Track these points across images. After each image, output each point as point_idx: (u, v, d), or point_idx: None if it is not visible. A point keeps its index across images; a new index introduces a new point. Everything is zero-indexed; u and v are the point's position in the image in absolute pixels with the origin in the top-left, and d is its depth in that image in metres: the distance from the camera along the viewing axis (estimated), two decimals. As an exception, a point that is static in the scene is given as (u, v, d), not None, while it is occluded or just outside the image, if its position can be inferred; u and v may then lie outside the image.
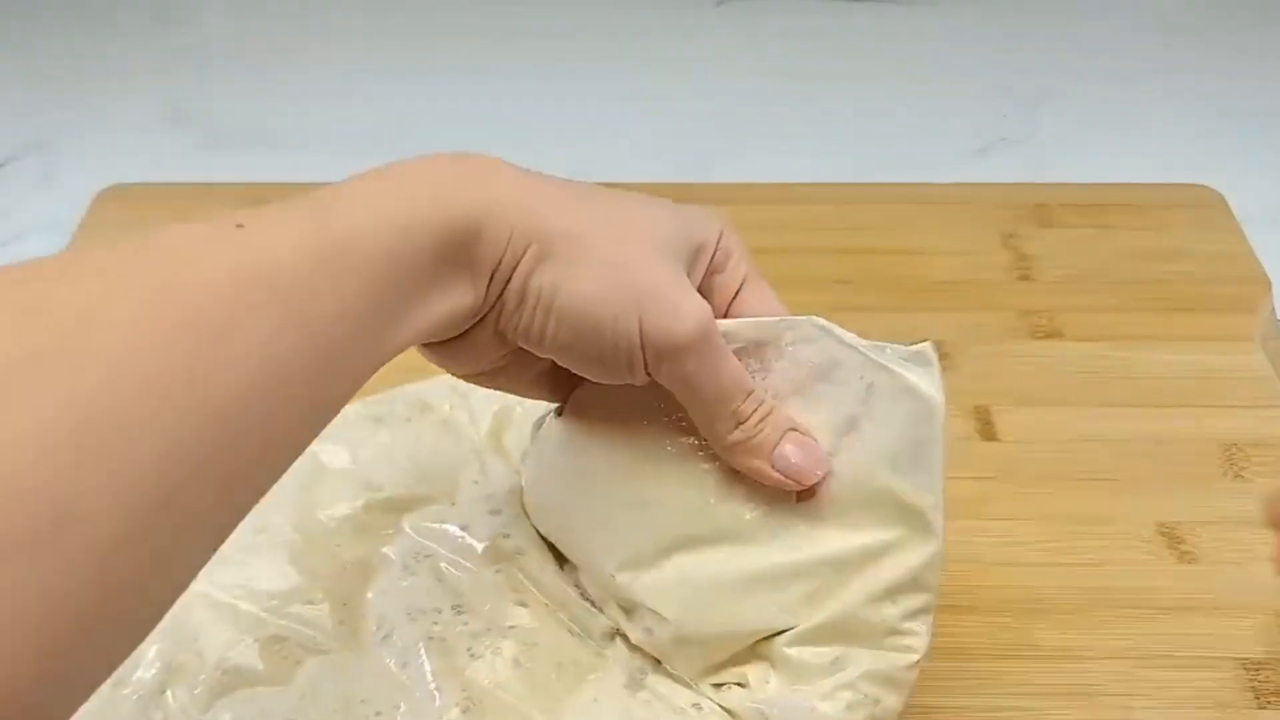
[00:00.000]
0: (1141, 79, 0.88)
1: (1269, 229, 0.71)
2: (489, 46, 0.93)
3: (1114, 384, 0.61)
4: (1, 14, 0.95)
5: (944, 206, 0.72)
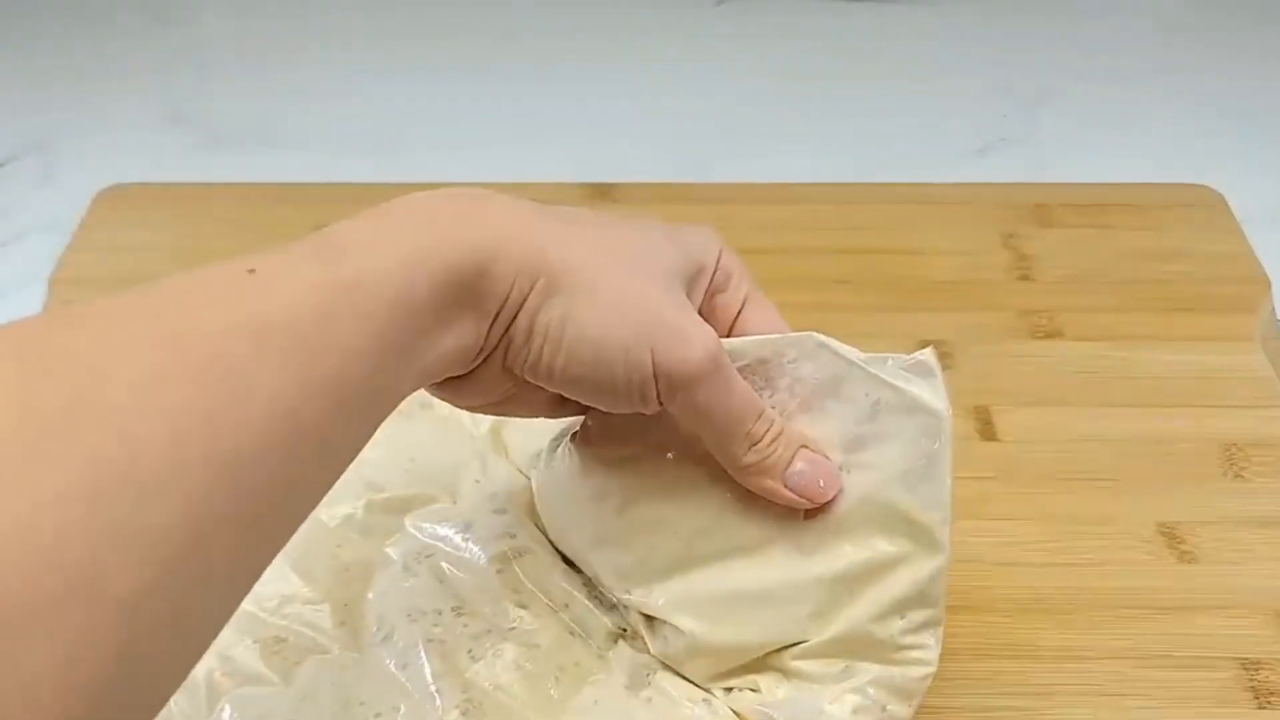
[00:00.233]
0: (1141, 79, 0.88)
1: (1269, 229, 0.71)
2: (489, 46, 0.93)
3: (1114, 384, 0.61)
4: (1, 14, 0.95)
5: (944, 206, 0.72)
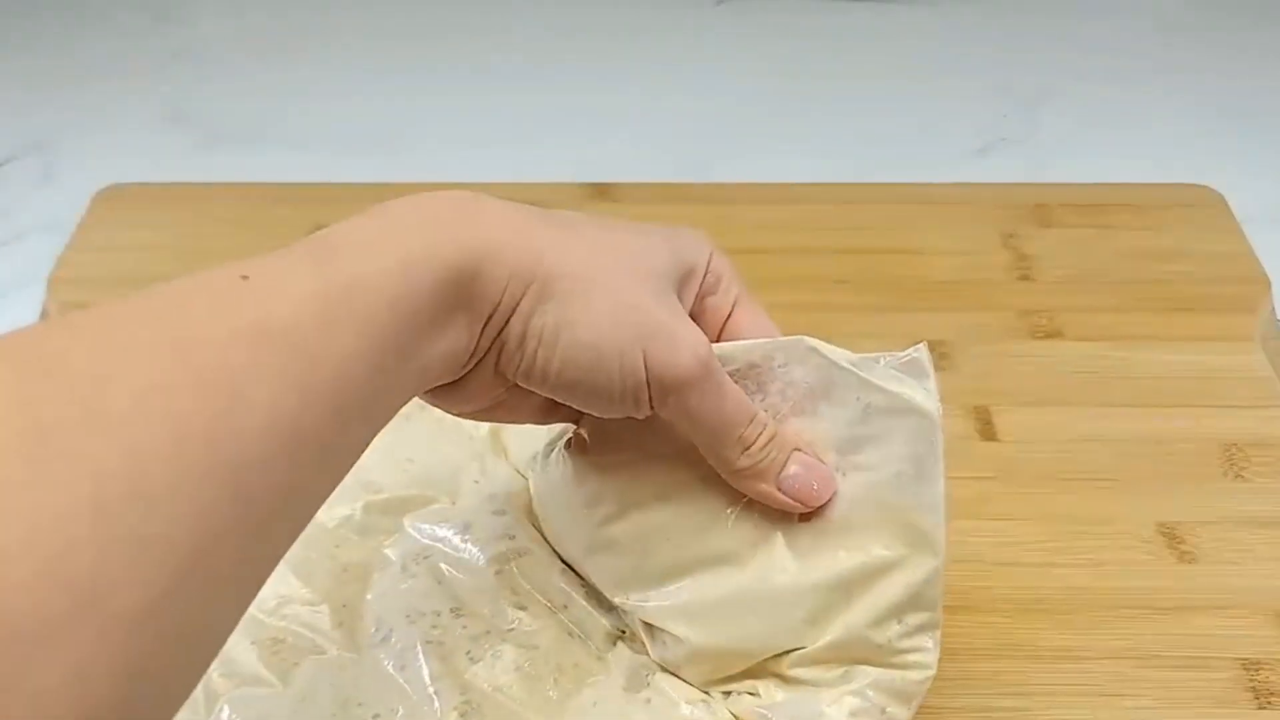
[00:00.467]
0: (1141, 79, 0.88)
1: (1269, 229, 0.71)
2: (489, 46, 0.93)
3: (1114, 384, 0.61)
4: (1, 14, 0.95)
5: (944, 206, 0.72)
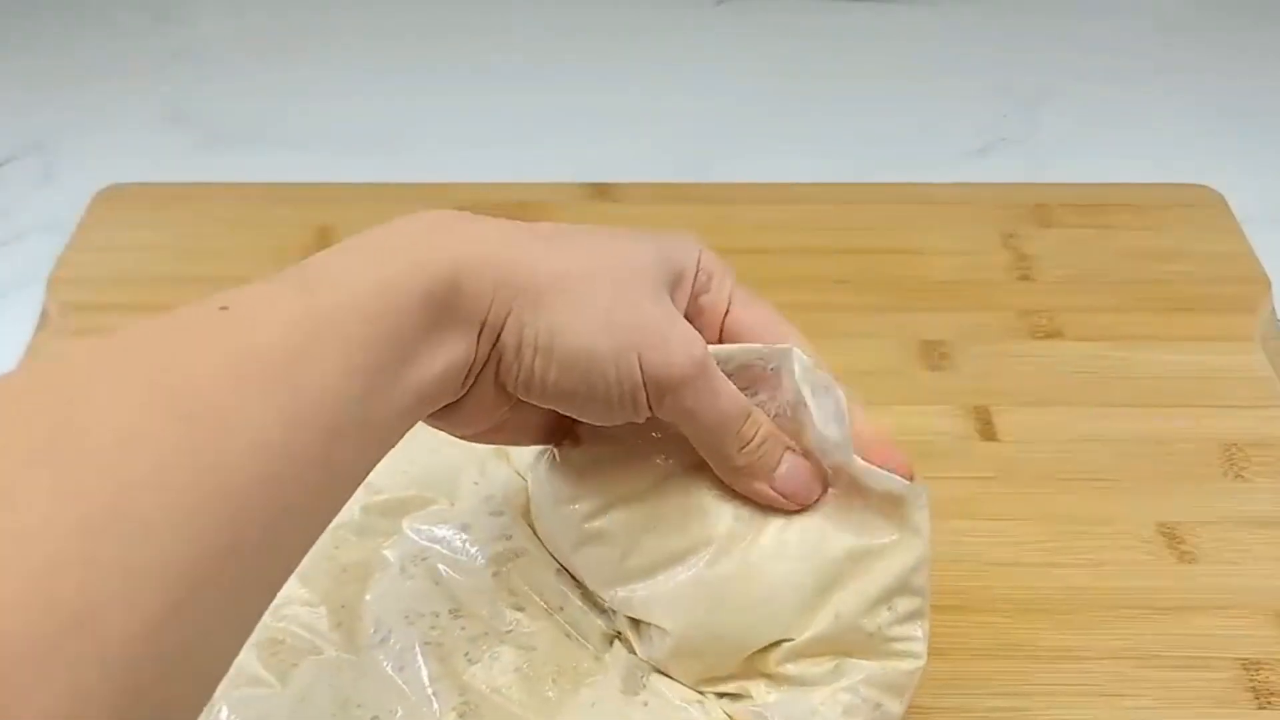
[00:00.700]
0: (1141, 79, 0.88)
1: (1269, 229, 0.71)
2: (489, 46, 0.93)
3: (1114, 384, 0.61)
4: (1, 14, 0.95)
5: (944, 206, 0.72)
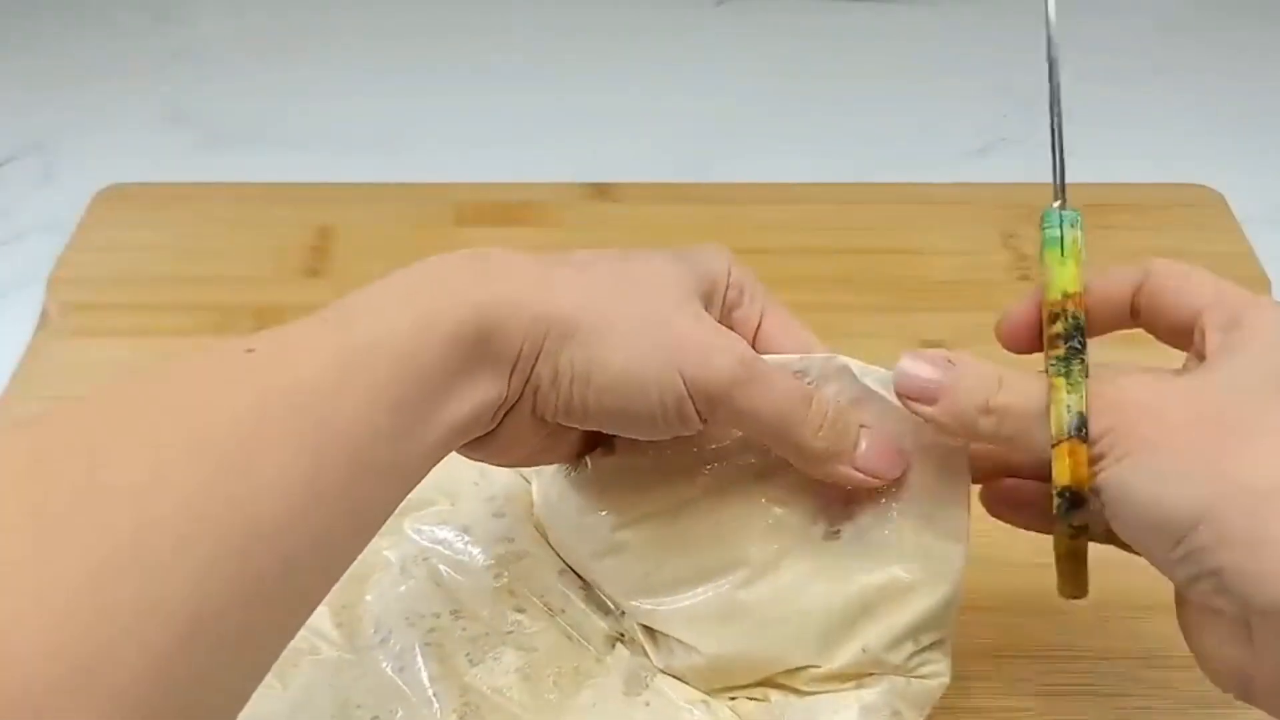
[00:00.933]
0: (1141, 79, 0.88)
1: (1269, 229, 0.71)
2: (489, 46, 0.93)
3: (1114, 384, 0.61)
4: (1, 14, 0.95)
5: (944, 206, 0.72)
